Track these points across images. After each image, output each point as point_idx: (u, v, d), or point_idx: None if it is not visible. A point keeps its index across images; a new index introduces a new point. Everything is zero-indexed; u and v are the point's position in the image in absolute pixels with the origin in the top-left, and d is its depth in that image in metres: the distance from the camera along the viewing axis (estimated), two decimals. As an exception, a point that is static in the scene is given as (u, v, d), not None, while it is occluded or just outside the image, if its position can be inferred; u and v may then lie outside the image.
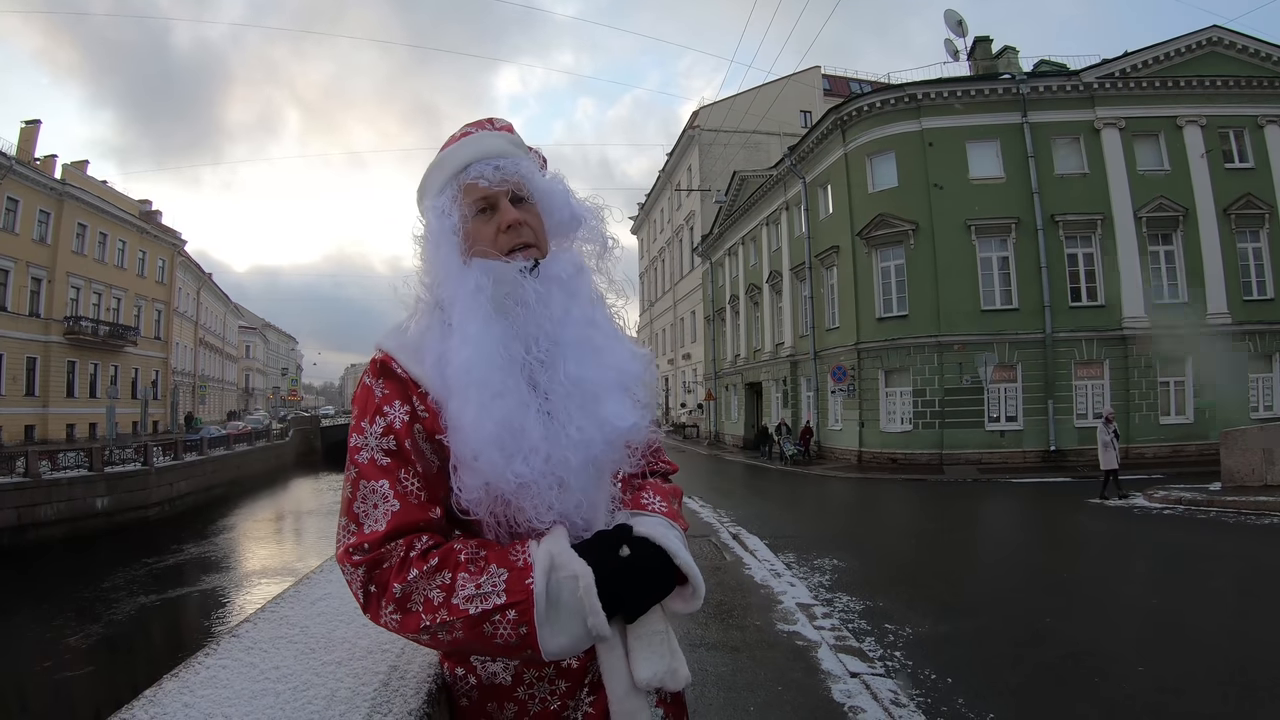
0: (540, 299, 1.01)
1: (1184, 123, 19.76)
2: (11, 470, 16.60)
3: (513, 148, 1.11)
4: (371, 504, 0.91)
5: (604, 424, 0.99)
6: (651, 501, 1.06)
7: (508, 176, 1.06)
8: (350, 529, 0.92)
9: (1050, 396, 19.31)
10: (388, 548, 0.89)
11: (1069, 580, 7.21)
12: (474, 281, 1.00)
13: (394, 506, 0.91)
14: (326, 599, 1.42)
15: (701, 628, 5.57)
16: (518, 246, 1.04)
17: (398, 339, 1.01)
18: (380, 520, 0.90)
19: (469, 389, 0.94)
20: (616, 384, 1.04)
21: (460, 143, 1.10)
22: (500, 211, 1.05)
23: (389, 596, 0.87)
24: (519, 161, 1.09)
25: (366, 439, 0.94)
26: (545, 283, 1.03)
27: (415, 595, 0.87)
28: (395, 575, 0.88)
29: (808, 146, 24.08)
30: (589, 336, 1.04)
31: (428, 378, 0.97)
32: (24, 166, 27.79)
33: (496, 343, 0.97)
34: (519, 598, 0.87)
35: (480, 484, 0.92)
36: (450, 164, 1.09)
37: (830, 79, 41.03)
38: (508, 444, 0.93)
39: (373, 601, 0.89)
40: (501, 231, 1.04)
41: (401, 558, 0.89)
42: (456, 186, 1.06)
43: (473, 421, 0.92)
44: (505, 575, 0.88)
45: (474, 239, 1.04)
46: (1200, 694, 4.26)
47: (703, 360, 37.60)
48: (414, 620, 0.87)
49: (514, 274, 1.01)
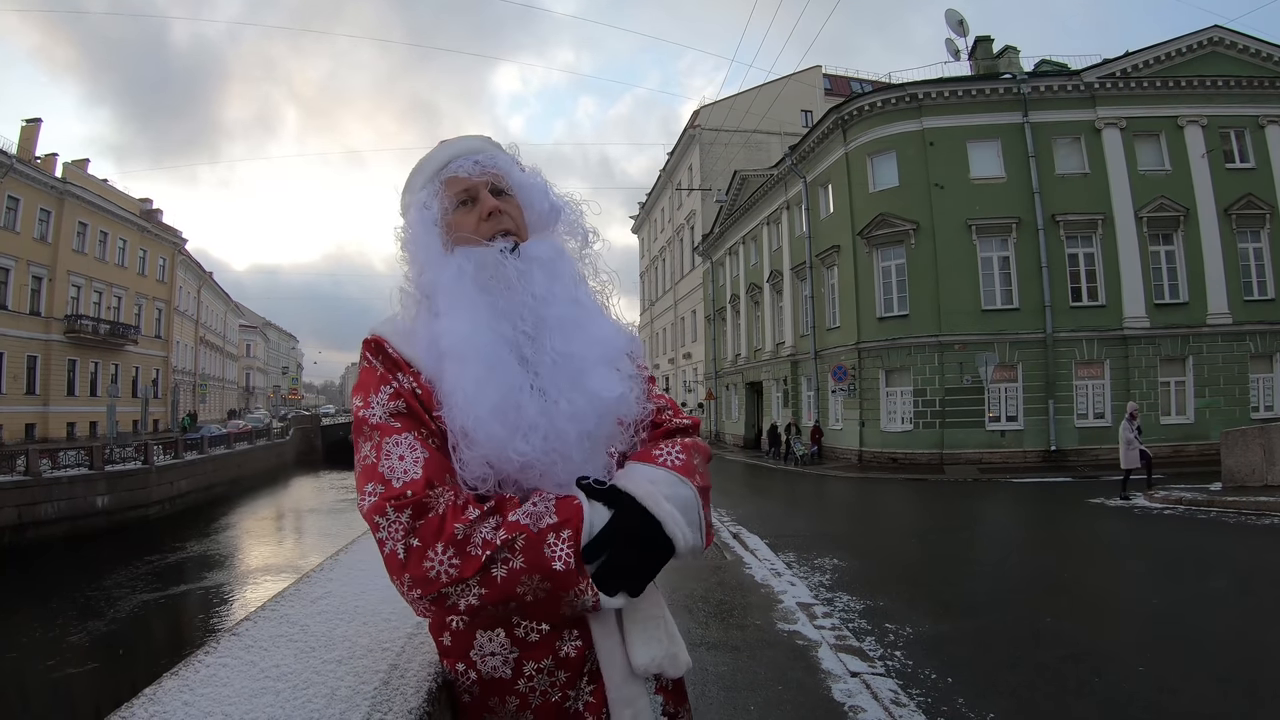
0: (522, 277, 1.03)
1: (1185, 123, 19.76)
2: (12, 468, 16.60)
3: (490, 145, 1.16)
4: (398, 456, 0.90)
5: (592, 396, 0.99)
6: (665, 453, 1.03)
7: (487, 169, 1.10)
8: (378, 489, 0.88)
9: (1051, 396, 19.32)
10: (432, 494, 0.87)
11: (1069, 580, 7.20)
12: (456, 266, 1.03)
13: (424, 455, 0.90)
14: (327, 597, 1.42)
15: (702, 627, 5.57)
16: (499, 233, 1.07)
17: (390, 325, 1.04)
18: (414, 469, 0.89)
19: (464, 365, 0.95)
20: (601, 358, 1.03)
21: (439, 146, 1.16)
22: (480, 201, 1.08)
23: (447, 538, 0.85)
24: (496, 156, 1.14)
25: (374, 408, 0.94)
26: (526, 262, 1.05)
27: (475, 535, 0.86)
28: (453, 516, 0.86)
29: (808, 146, 24.07)
30: (572, 313, 1.05)
31: (420, 360, 0.98)
32: (25, 165, 27.80)
33: (484, 321, 0.99)
34: (569, 514, 0.89)
35: (482, 462, 0.92)
36: (430, 164, 1.13)
37: (831, 78, 41.02)
38: (508, 419, 0.93)
39: (414, 554, 0.85)
40: (483, 219, 1.07)
41: (453, 503, 0.88)
42: (438, 182, 1.11)
43: (471, 398, 0.93)
44: (553, 498, 0.91)
45: (456, 229, 1.08)
46: (1200, 694, 4.26)
47: (703, 360, 37.61)
48: (473, 563, 0.84)
49: (495, 256, 1.04)
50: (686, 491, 0.98)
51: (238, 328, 64.15)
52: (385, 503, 0.86)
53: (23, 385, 27.96)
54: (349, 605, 1.36)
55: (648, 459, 1.02)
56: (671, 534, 0.93)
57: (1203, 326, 19.41)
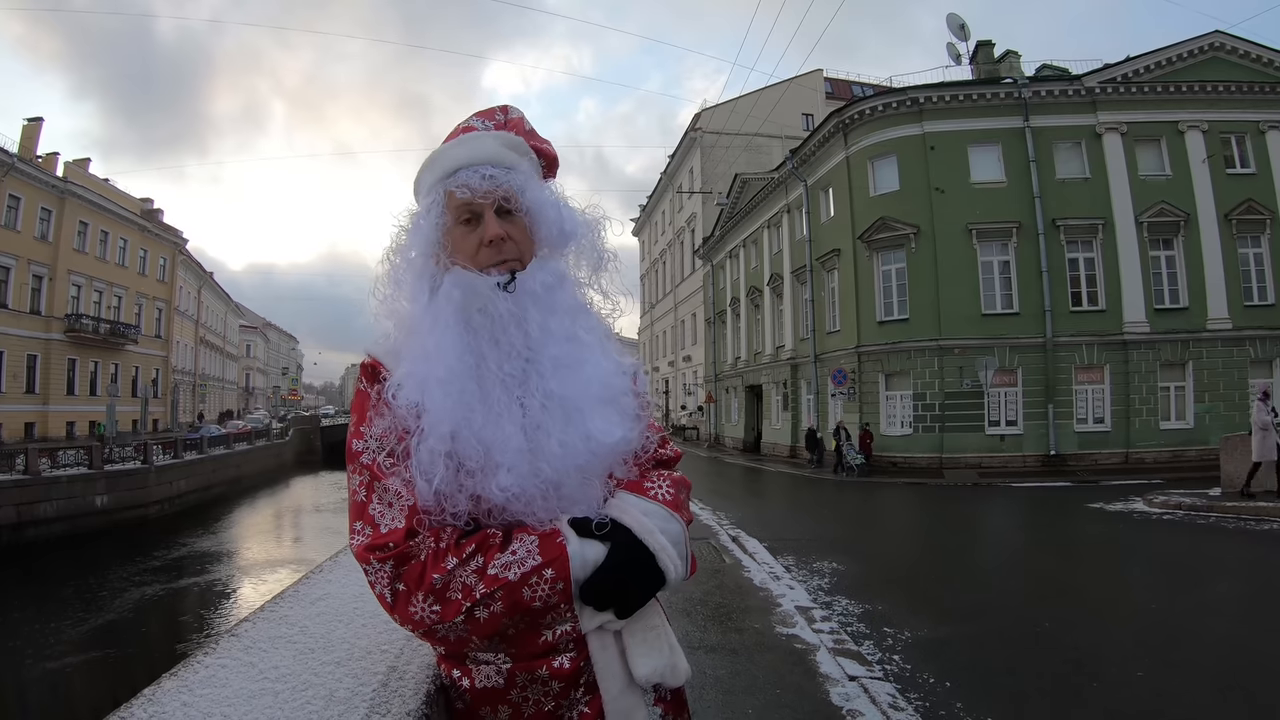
0: (513, 316, 0.99)
1: (1186, 128, 19.77)
2: (11, 467, 16.60)
3: (509, 152, 1.06)
4: (386, 503, 0.91)
5: (589, 438, 0.98)
6: (656, 487, 1.04)
7: (496, 186, 1.02)
8: (365, 531, 0.91)
9: (1050, 401, 19.31)
10: (414, 543, 0.89)
11: (1068, 585, 7.19)
12: (444, 291, 1.00)
13: (408, 501, 0.91)
14: (326, 599, 1.42)
15: (701, 630, 5.57)
16: (497, 263, 1.01)
17: (383, 345, 1.02)
18: (398, 517, 0.90)
19: (444, 396, 0.93)
20: (600, 398, 1.02)
21: (455, 142, 1.07)
22: (484, 225, 1.01)
23: (426, 588, 0.87)
24: (511, 172, 1.04)
25: (368, 441, 0.95)
26: (520, 298, 1.00)
27: (454, 583, 0.87)
28: (432, 566, 0.88)
29: (809, 149, 24.09)
30: (568, 352, 1.02)
31: (407, 383, 0.96)
32: (26, 164, 27.85)
33: (459, 355, 0.96)
34: (554, 554, 0.90)
35: (465, 496, 0.93)
36: (440, 165, 1.06)
37: (832, 82, 41.10)
38: (487, 458, 0.93)
39: (401, 599, 0.88)
40: (484, 245, 1.01)
41: (434, 549, 0.89)
42: (441, 192, 1.04)
43: (446, 434, 0.92)
44: (535, 540, 0.91)
45: (454, 249, 1.02)
46: (1198, 700, 4.25)
47: (703, 362, 37.60)
48: (454, 608, 0.87)
49: (488, 288, 0.99)
50: (677, 527, 1.00)
51: (238, 328, 64.16)
52: (370, 553, 0.89)
53: (23, 384, 27.97)
54: (348, 607, 1.36)
55: (639, 490, 1.02)
56: (664, 566, 0.96)
57: (1203, 332, 19.41)
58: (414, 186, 1.11)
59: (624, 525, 0.96)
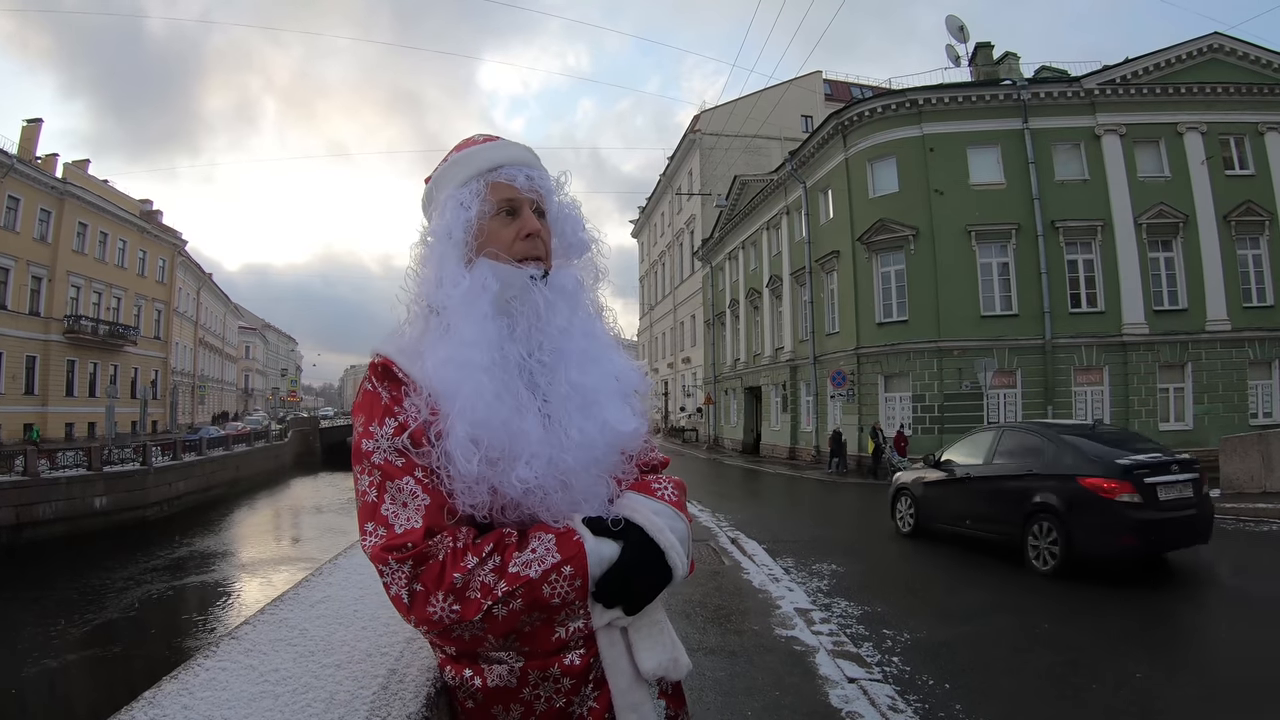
0: (549, 306, 1.04)
1: (1185, 129, 19.79)
2: (10, 469, 16.59)
3: (540, 163, 1.13)
4: (400, 503, 0.91)
5: (605, 426, 1.02)
6: (663, 488, 1.08)
7: (536, 187, 1.08)
8: (379, 532, 0.90)
9: (1050, 402, 19.30)
10: (432, 543, 0.89)
11: (1067, 586, 7.19)
12: (480, 281, 1.01)
13: (425, 501, 0.91)
14: (326, 601, 1.42)
15: (700, 632, 5.56)
16: (531, 256, 1.05)
17: (396, 343, 1.01)
18: (415, 517, 0.90)
19: (471, 388, 0.94)
20: (617, 391, 1.07)
21: (487, 145, 1.11)
22: (523, 218, 1.06)
23: (447, 587, 0.87)
24: (546, 177, 1.12)
25: (379, 441, 0.93)
26: (553, 292, 1.05)
27: (474, 581, 0.88)
28: (451, 566, 0.88)
29: (808, 151, 24.12)
30: (590, 346, 1.07)
31: (427, 380, 0.96)
32: (26, 165, 27.84)
33: (494, 344, 0.98)
34: (573, 552, 0.92)
35: (485, 488, 0.93)
36: (478, 161, 1.08)
37: (831, 84, 41.11)
38: (510, 448, 0.93)
39: (419, 599, 0.88)
40: (520, 238, 1.05)
41: (453, 549, 0.90)
42: (483, 183, 1.06)
43: (476, 423, 0.93)
44: (553, 538, 0.93)
45: (488, 238, 1.05)
46: (1197, 701, 4.26)
47: (702, 364, 37.60)
48: (474, 607, 0.88)
49: (524, 279, 1.03)
50: (683, 526, 1.05)
51: (237, 329, 64.15)
52: (387, 553, 0.89)
53: (21, 385, 27.95)
54: (348, 610, 1.36)
55: (648, 491, 1.06)
56: (672, 564, 0.99)
57: (1202, 333, 19.42)
58: (436, 181, 1.12)
59: (636, 524, 0.99)
